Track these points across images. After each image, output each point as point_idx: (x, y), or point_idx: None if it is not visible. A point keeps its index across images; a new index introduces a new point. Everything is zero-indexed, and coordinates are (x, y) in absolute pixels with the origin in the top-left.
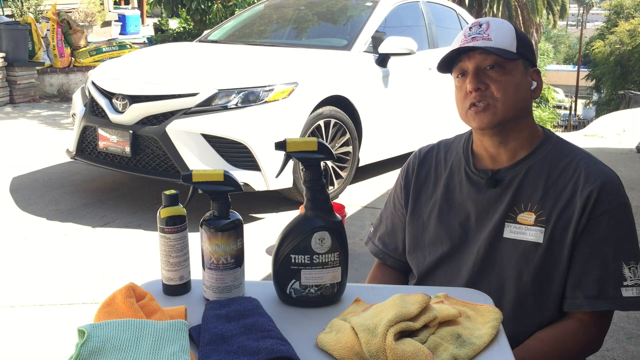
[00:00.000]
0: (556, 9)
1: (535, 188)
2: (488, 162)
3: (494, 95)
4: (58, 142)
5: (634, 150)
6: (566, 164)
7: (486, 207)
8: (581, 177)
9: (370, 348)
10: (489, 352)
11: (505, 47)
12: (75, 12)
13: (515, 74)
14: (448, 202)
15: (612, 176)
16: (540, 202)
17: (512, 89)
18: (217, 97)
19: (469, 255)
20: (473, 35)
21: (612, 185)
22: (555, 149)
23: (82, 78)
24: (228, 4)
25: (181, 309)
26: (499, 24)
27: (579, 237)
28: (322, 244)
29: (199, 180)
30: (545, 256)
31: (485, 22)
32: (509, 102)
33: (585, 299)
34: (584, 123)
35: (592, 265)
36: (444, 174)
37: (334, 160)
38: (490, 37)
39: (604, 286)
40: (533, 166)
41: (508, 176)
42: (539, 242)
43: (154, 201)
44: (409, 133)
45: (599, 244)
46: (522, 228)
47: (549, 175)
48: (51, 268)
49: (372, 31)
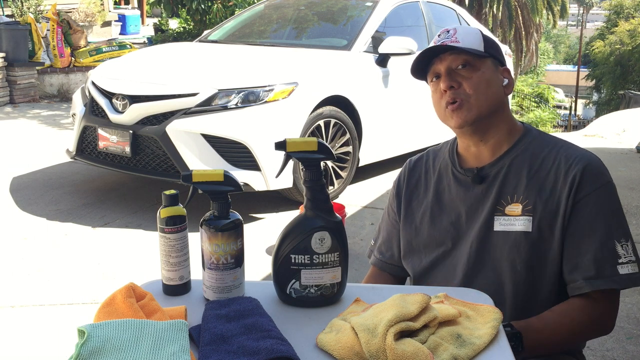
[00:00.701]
0: (556, 9)
1: (519, 179)
2: (472, 161)
3: (467, 92)
4: (58, 142)
5: (634, 150)
6: (547, 152)
7: (475, 204)
8: (562, 162)
9: (370, 348)
10: (489, 352)
11: (473, 46)
12: (75, 12)
13: (485, 71)
14: (439, 204)
15: (593, 158)
16: (525, 192)
17: (484, 84)
18: (217, 97)
19: (463, 253)
20: (442, 40)
21: (594, 167)
22: (535, 140)
23: (82, 78)
24: (228, 4)
25: (181, 309)
26: (466, 28)
27: (568, 221)
28: (322, 244)
29: (199, 180)
30: (535, 243)
31: (453, 29)
32: (481, 97)
33: (584, 280)
34: (584, 123)
35: (585, 246)
36: (433, 178)
37: (334, 160)
38: (458, 40)
39: (600, 266)
40: (515, 159)
41: (492, 171)
42: (528, 230)
43: (154, 201)
44: (409, 133)
45: (589, 224)
46: (511, 219)
47: (531, 165)
48: (51, 268)
49: (372, 31)
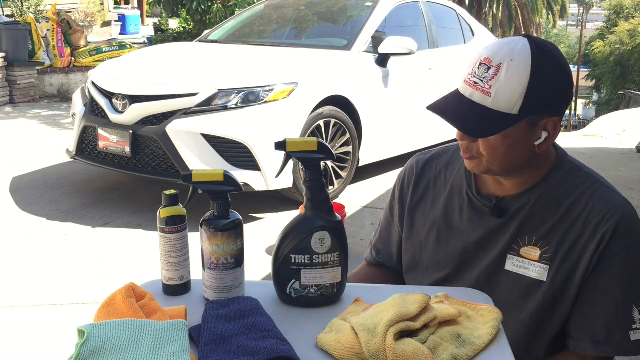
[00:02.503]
0: (556, 9)
1: (542, 221)
2: (492, 188)
3: (480, 151)
4: (58, 142)
5: (634, 150)
6: (578, 195)
7: (488, 236)
8: (594, 212)
9: (370, 348)
10: (489, 352)
11: (504, 109)
12: (75, 12)
13: (509, 135)
14: (447, 225)
15: (629, 211)
16: (547, 237)
17: (502, 150)
18: (217, 97)
19: (469, 284)
20: (475, 80)
21: (628, 223)
22: (567, 177)
23: (82, 78)
24: (228, 4)
25: (181, 309)
26: (513, 71)
27: (588, 277)
28: (322, 244)
29: (199, 180)
30: (547, 296)
31: (496, 66)
32: (495, 163)
33: (591, 343)
34: (584, 123)
35: (600, 307)
36: (443, 193)
37: (334, 160)
38: (490, 92)
39: (612, 331)
40: (542, 197)
41: (514, 206)
42: (542, 280)
43: (154, 201)
44: (409, 133)
45: (610, 285)
46: (526, 263)
47: (558, 207)
48: (51, 268)
49: (372, 31)
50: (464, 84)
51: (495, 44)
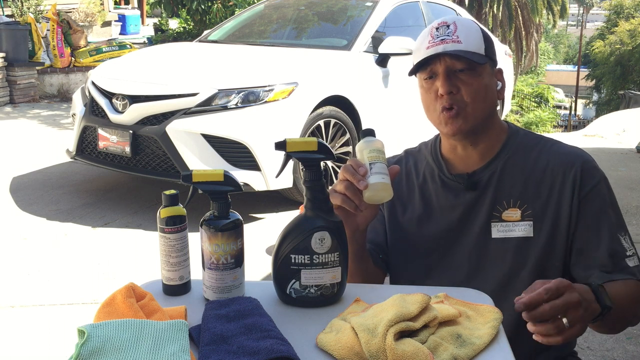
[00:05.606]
0: (556, 9)
1: (513, 183)
2: (461, 166)
3: (464, 100)
4: (58, 142)
5: (634, 150)
6: (537, 153)
7: (467, 211)
8: (556, 162)
9: (370, 348)
10: (489, 352)
11: (475, 50)
12: (75, 12)
13: (484, 76)
14: (426, 212)
15: (586, 154)
16: (522, 196)
17: (482, 92)
18: (217, 97)
19: (461, 262)
20: (442, 37)
21: (590, 162)
22: (523, 141)
23: (82, 78)
24: (228, 4)
25: (181, 309)
26: (467, 24)
27: (576, 221)
28: (322, 244)
29: (199, 180)
30: (539, 248)
31: (453, 23)
32: (479, 107)
33: (600, 272)
34: (584, 123)
35: (596, 241)
36: (416, 183)
37: (334, 160)
38: (460, 40)
39: (614, 260)
40: (507, 162)
41: (484, 176)
42: (529, 235)
43: (154, 201)
44: (409, 133)
45: (596, 221)
46: (510, 225)
47: (524, 167)
48: (51, 268)
49: (372, 31)
50: (431, 48)
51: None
